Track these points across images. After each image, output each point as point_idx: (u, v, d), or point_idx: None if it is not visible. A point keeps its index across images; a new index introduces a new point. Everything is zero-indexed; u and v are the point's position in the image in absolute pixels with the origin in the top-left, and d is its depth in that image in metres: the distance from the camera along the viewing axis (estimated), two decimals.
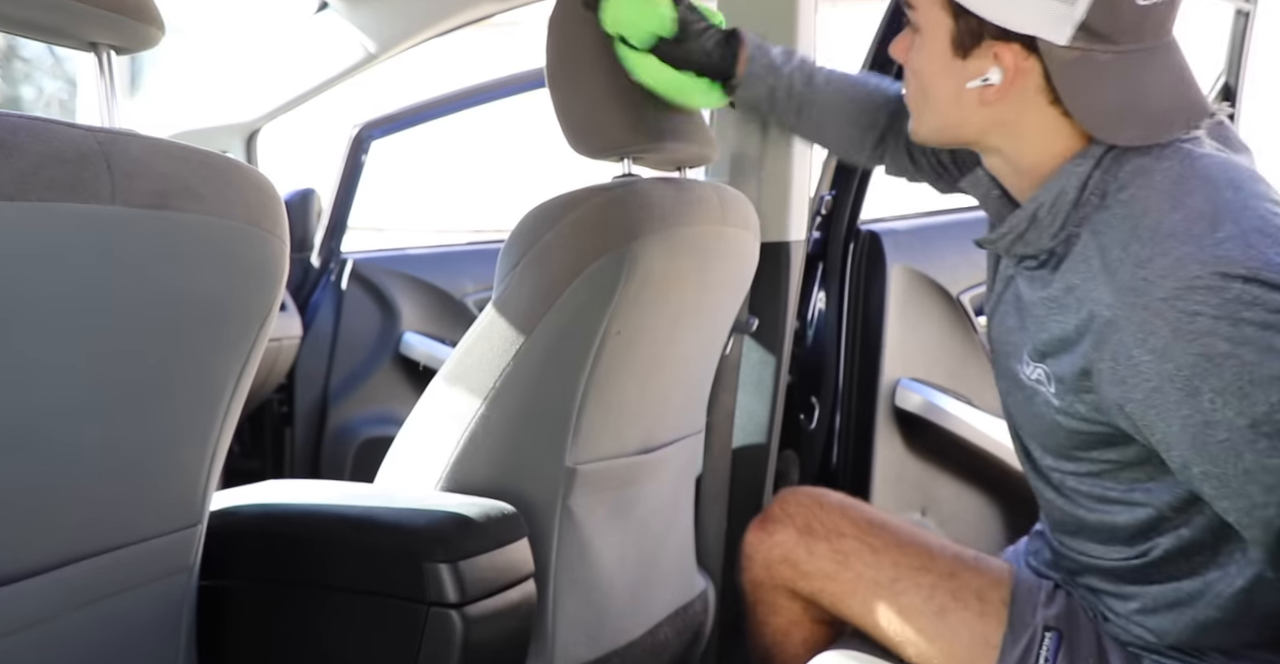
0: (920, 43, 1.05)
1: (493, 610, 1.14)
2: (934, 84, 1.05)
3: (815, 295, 1.87)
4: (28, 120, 0.78)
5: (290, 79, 2.26)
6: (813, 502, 1.35)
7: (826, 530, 1.31)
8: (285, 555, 1.18)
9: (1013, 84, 1.00)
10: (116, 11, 0.90)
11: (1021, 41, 0.98)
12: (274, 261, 0.96)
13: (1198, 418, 0.90)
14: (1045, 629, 1.17)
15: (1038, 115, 1.01)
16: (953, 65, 1.03)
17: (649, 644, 1.49)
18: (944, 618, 1.21)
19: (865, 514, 1.34)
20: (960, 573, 1.24)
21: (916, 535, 1.31)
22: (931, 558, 1.26)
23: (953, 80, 1.03)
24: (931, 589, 1.23)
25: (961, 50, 1.02)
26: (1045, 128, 1.02)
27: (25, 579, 0.85)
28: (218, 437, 1.00)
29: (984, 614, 1.20)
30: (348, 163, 2.39)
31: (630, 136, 1.31)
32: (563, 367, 1.28)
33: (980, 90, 1.01)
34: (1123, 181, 0.98)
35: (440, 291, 2.52)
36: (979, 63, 1.01)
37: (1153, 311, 0.90)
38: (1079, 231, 1.00)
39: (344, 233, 2.45)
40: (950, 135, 1.09)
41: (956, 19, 1.01)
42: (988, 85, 1.01)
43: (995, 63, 1.00)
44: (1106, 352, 0.95)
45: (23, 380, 0.80)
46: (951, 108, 1.05)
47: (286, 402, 2.39)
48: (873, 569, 1.26)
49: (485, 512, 1.19)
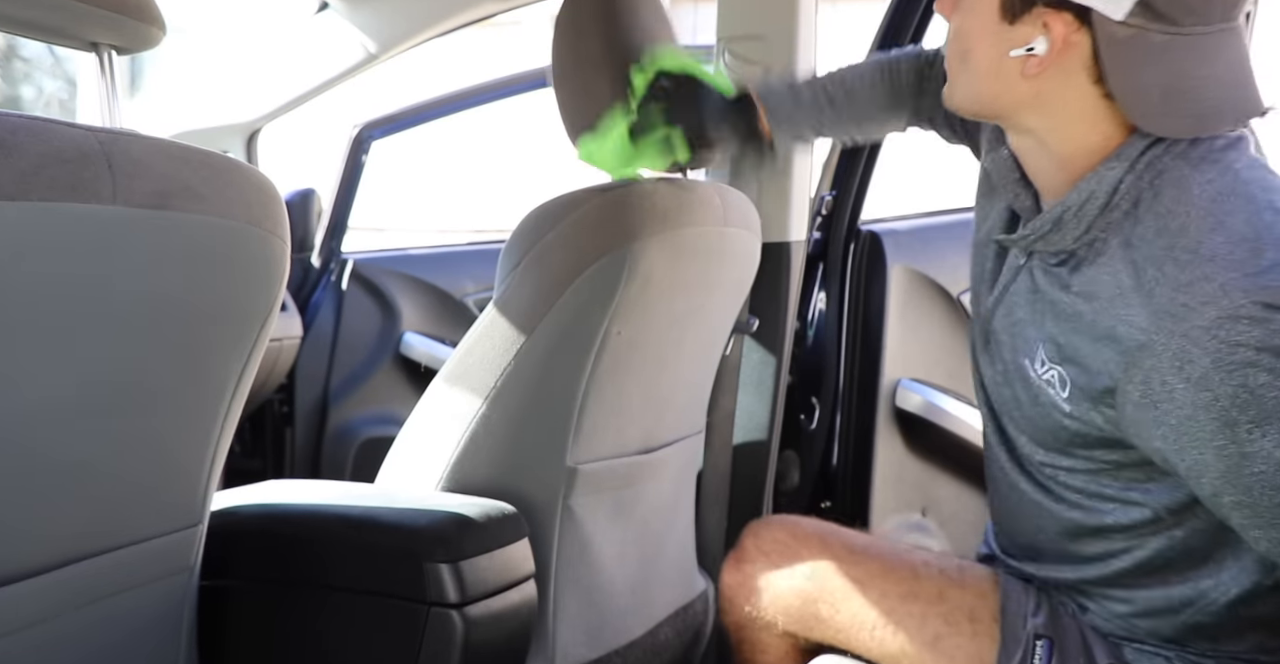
0: (965, 7, 1.00)
1: (493, 611, 1.14)
2: (976, 46, 1.00)
3: (816, 296, 1.87)
4: (28, 120, 0.78)
5: (290, 79, 2.26)
6: (786, 534, 1.29)
7: (808, 567, 1.25)
8: (285, 555, 1.18)
9: (1059, 57, 0.95)
10: (118, 12, 0.90)
11: (1075, 11, 0.92)
12: (274, 261, 0.96)
13: (1233, 448, 0.87)
14: (1036, 638, 1.14)
15: (1078, 96, 0.96)
16: (998, 29, 0.97)
17: (649, 644, 1.49)
18: (939, 645, 1.18)
19: (844, 540, 1.28)
20: (948, 593, 1.21)
21: (899, 557, 1.26)
22: (917, 581, 1.22)
23: (995, 45, 0.97)
24: (923, 618, 1.19)
25: (1010, 14, 0.96)
26: (1084, 111, 0.97)
27: (26, 579, 0.84)
28: (218, 437, 1.00)
29: (976, 635, 1.18)
30: (348, 163, 2.39)
31: None
32: (564, 367, 1.28)
33: (1023, 60, 0.96)
34: (1158, 190, 0.94)
35: (441, 292, 2.51)
36: (1026, 30, 0.95)
37: (1192, 340, 0.87)
38: (1104, 237, 0.97)
39: (344, 233, 2.45)
40: (984, 106, 1.03)
41: None
42: (1031, 55, 0.95)
43: (1043, 32, 0.94)
44: (1137, 375, 0.91)
45: (23, 380, 0.80)
46: (990, 76, 0.99)
47: (287, 402, 2.39)
48: (861, 607, 1.21)
49: (486, 512, 1.19)
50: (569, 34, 1.33)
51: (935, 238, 1.95)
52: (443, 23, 2.12)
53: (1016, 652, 1.14)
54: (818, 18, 1.72)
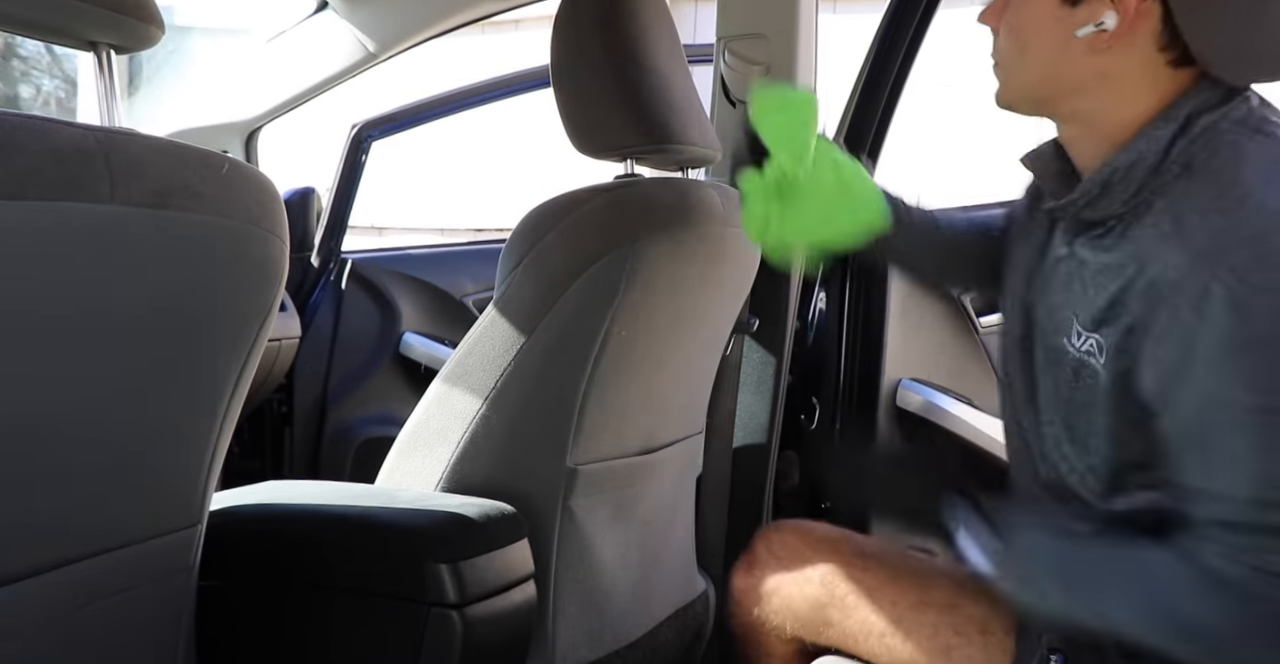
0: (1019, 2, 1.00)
1: (493, 611, 1.14)
2: (1037, 36, 0.99)
3: (816, 295, 1.87)
4: (27, 119, 0.77)
5: (290, 79, 2.26)
6: (798, 540, 1.28)
7: (819, 572, 1.24)
8: (284, 555, 1.18)
9: (1131, 28, 0.93)
10: (116, 10, 0.90)
11: None
12: (274, 261, 0.96)
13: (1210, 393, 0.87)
14: (1051, 651, 1.11)
15: (1142, 65, 0.95)
16: (1060, 13, 0.96)
17: (650, 645, 1.48)
18: (950, 656, 1.16)
19: (855, 546, 1.27)
20: (960, 603, 1.18)
21: (911, 563, 1.25)
22: (929, 590, 1.20)
23: (1059, 29, 0.96)
24: (934, 628, 1.17)
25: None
26: (1145, 80, 0.96)
27: (25, 579, 0.84)
28: (217, 437, 1.00)
29: (988, 646, 1.15)
30: (347, 163, 2.38)
31: (633, 137, 1.31)
32: (564, 367, 1.28)
33: (1091, 38, 0.95)
34: (1213, 152, 0.93)
35: (440, 292, 2.51)
36: (1091, 8, 0.94)
37: (1218, 278, 0.85)
38: (1152, 200, 0.95)
39: (344, 233, 2.45)
40: (1044, 91, 1.01)
41: None
42: (1100, 31, 0.94)
43: (1111, 6, 0.93)
44: (1163, 311, 0.89)
45: (21, 380, 0.80)
46: (1054, 59, 0.98)
47: (286, 402, 2.38)
48: (873, 614, 1.20)
49: (485, 512, 1.19)
50: (569, 34, 1.32)
51: None
52: (442, 23, 2.11)
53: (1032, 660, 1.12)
54: (818, 18, 1.72)
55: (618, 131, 1.31)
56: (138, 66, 4.68)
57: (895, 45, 1.74)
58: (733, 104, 1.72)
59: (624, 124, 1.31)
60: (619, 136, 1.32)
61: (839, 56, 1.99)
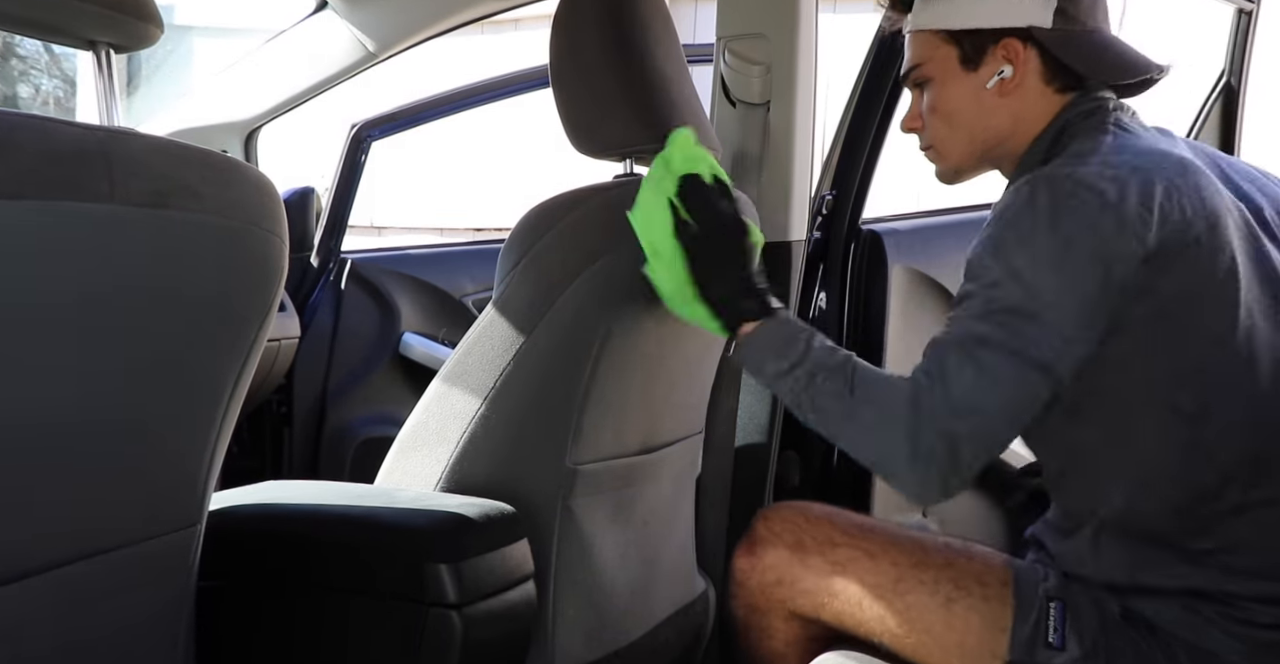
0: (933, 89, 1.26)
1: (493, 611, 1.14)
2: (958, 107, 1.25)
3: (816, 295, 1.87)
4: (26, 119, 0.77)
5: (290, 79, 2.25)
6: (797, 516, 1.32)
7: (818, 543, 1.29)
8: (285, 555, 1.18)
9: (1024, 67, 1.21)
10: (115, 10, 0.90)
11: (1017, 35, 1.20)
12: (273, 261, 0.96)
13: None
14: (1049, 600, 1.19)
15: (1038, 96, 1.22)
16: (968, 80, 1.23)
17: (650, 645, 1.48)
18: (952, 608, 1.22)
19: (853, 520, 1.32)
20: (955, 561, 1.26)
21: (906, 533, 1.31)
22: (926, 552, 1.27)
23: (972, 91, 1.24)
24: (935, 582, 1.24)
25: (972, 64, 1.23)
26: (1041, 109, 1.23)
27: (25, 579, 0.84)
28: (216, 437, 0.99)
29: (988, 598, 1.22)
30: (346, 163, 2.38)
31: (633, 136, 1.31)
32: (563, 367, 1.27)
33: (999, 85, 1.22)
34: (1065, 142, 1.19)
35: (440, 292, 2.51)
36: (989, 67, 1.22)
37: None
38: None
39: (343, 233, 2.45)
40: (978, 147, 1.26)
41: (959, 44, 1.22)
42: (1002, 79, 1.22)
43: (1003, 60, 1.21)
44: None
45: (21, 379, 0.80)
46: (978, 116, 1.24)
47: (285, 402, 2.38)
48: (872, 574, 1.25)
49: (485, 512, 1.19)
50: (569, 34, 1.32)
51: (936, 238, 1.95)
52: (442, 22, 2.11)
53: (1031, 613, 1.19)
54: (818, 18, 1.72)
55: (617, 131, 1.31)
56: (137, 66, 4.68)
57: (896, 45, 1.74)
58: (733, 104, 1.72)
59: (624, 124, 1.30)
60: (619, 136, 1.31)
61: (839, 56, 1.99)
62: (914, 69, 1.27)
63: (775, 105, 1.68)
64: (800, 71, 1.68)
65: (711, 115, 1.72)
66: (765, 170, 1.70)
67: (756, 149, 1.70)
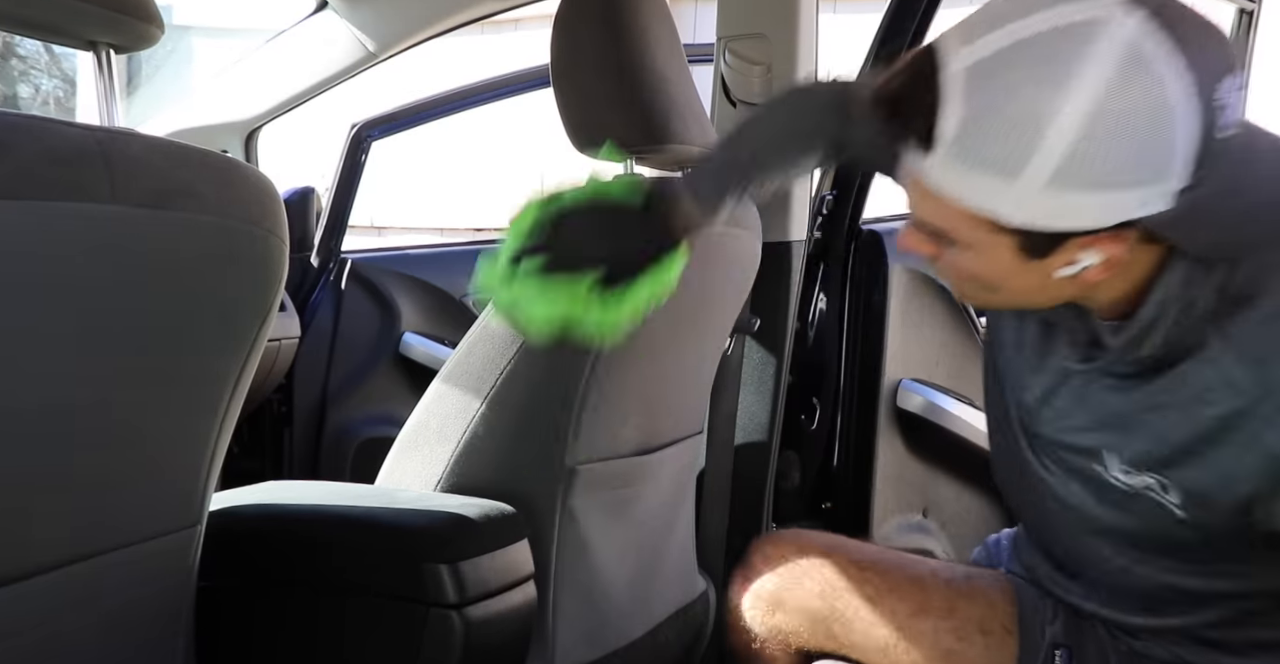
0: (968, 254, 0.90)
1: (493, 611, 1.14)
2: (1008, 282, 0.91)
3: (816, 295, 1.87)
4: (26, 119, 0.77)
5: (290, 79, 2.25)
6: (794, 548, 1.27)
7: (817, 585, 1.23)
8: (285, 556, 1.18)
9: (1117, 257, 0.86)
10: (116, 10, 0.90)
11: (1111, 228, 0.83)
12: (273, 261, 0.96)
13: None
14: (1054, 647, 1.13)
15: (1141, 259, 0.89)
16: (1028, 267, 0.88)
17: (650, 645, 1.48)
18: (951, 661, 1.17)
19: (850, 555, 1.25)
20: (958, 606, 1.19)
21: (906, 569, 1.24)
22: (926, 595, 1.20)
23: (1035, 276, 0.89)
24: (934, 634, 1.18)
25: (1037, 254, 0.87)
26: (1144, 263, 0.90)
27: (25, 579, 0.84)
28: (217, 436, 0.99)
29: (989, 648, 1.16)
30: (346, 162, 2.38)
31: (633, 136, 1.31)
32: (563, 367, 1.27)
33: (1078, 275, 0.88)
34: (1250, 278, 0.88)
35: (440, 292, 2.51)
36: (1064, 255, 0.86)
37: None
38: (1203, 337, 0.90)
39: (343, 233, 2.45)
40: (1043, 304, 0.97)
41: (1019, 234, 0.85)
42: (1086, 270, 0.87)
43: (1088, 252, 0.86)
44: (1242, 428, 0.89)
45: (20, 379, 0.80)
46: (1039, 292, 0.92)
47: (285, 402, 2.38)
48: (871, 625, 1.20)
49: (485, 512, 1.19)
50: (569, 34, 1.32)
51: None
52: (442, 22, 2.11)
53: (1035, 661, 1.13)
54: (818, 18, 1.72)
55: (618, 131, 1.31)
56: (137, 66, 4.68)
57: (896, 45, 1.74)
58: (733, 104, 1.72)
59: (624, 123, 1.30)
60: (619, 136, 1.31)
61: (839, 56, 1.99)
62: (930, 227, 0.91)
63: None
64: (800, 71, 1.68)
65: (711, 115, 1.72)
66: None
67: None
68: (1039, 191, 0.80)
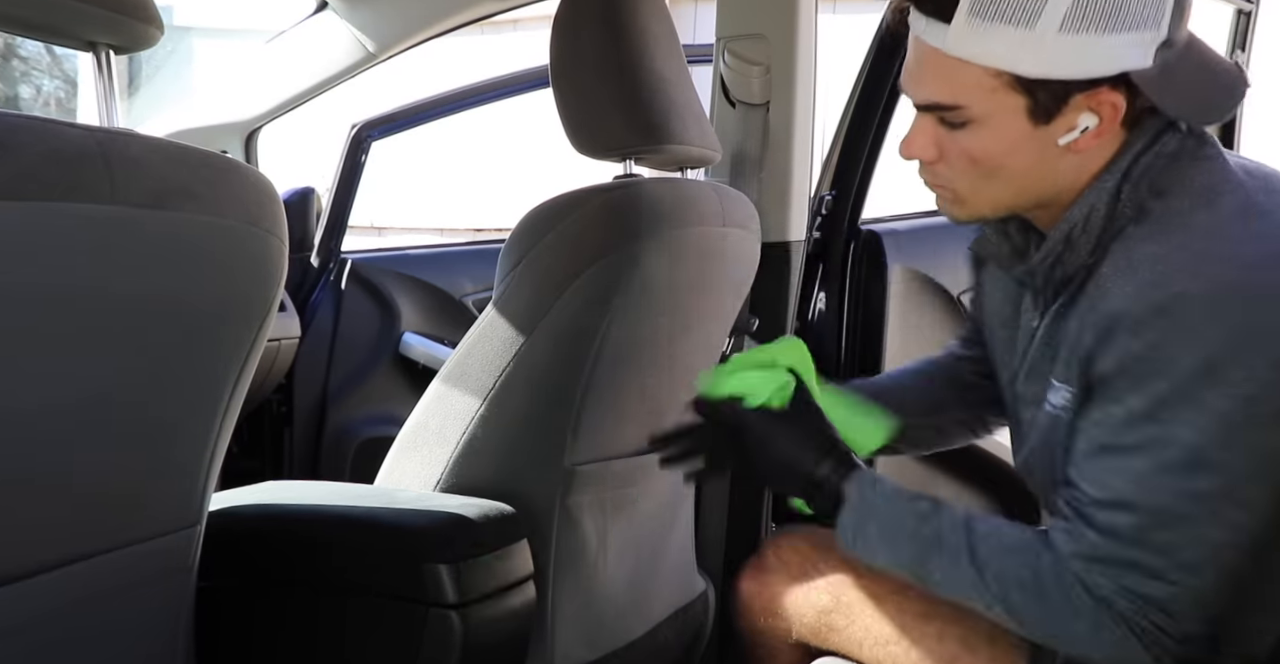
0: (974, 134, 0.97)
1: (492, 611, 1.14)
2: (1010, 161, 0.97)
3: (816, 295, 1.87)
4: (26, 120, 0.77)
5: (290, 79, 2.25)
6: (808, 545, 1.27)
7: (826, 579, 1.23)
8: (285, 555, 1.18)
9: (1111, 120, 0.95)
10: (115, 11, 0.90)
11: (1109, 81, 0.93)
12: (273, 261, 0.96)
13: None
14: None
15: (1111, 140, 0.97)
16: (1034, 134, 0.95)
17: (649, 645, 1.48)
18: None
19: None
20: (966, 614, 1.14)
21: None
22: (935, 600, 1.16)
23: (1036, 147, 0.96)
24: (940, 638, 1.16)
25: (1044, 117, 0.95)
26: (1105, 150, 0.98)
27: (25, 579, 0.84)
28: (216, 437, 1.00)
29: (995, 658, 1.14)
30: (346, 163, 2.38)
31: (633, 137, 1.31)
32: (563, 367, 1.27)
33: (1074, 141, 0.96)
34: (1157, 191, 0.96)
35: (440, 292, 2.51)
36: (1066, 118, 0.95)
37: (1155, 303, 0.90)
38: (1110, 246, 0.97)
39: (343, 233, 2.45)
40: (1023, 200, 1.02)
41: (1031, 93, 0.93)
42: (1084, 132, 0.95)
43: (1086, 111, 0.94)
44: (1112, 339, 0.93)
45: (20, 380, 0.80)
46: (1034, 171, 0.98)
47: (285, 402, 2.38)
48: (877, 622, 1.19)
49: (485, 512, 1.19)
50: (569, 34, 1.32)
51: (935, 238, 1.95)
52: (442, 23, 2.11)
53: None
54: (818, 18, 1.72)
55: (617, 132, 1.31)
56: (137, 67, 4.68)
57: (896, 45, 1.74)
58: (732, 104, 1.73)
59: (623, 124, 1.31)
60: (618, 137, 1.32)
61: (839, 56, 1.99)
62: (944, 106, 0.97)
63: (775, 106, 1.68)
64: (800, 72, 1.68)
65: (711, 115, 1.72)
66: (765, 170, 1.71)
67: (756, 149, 1.70)
68: (1054, 37, 0.90)
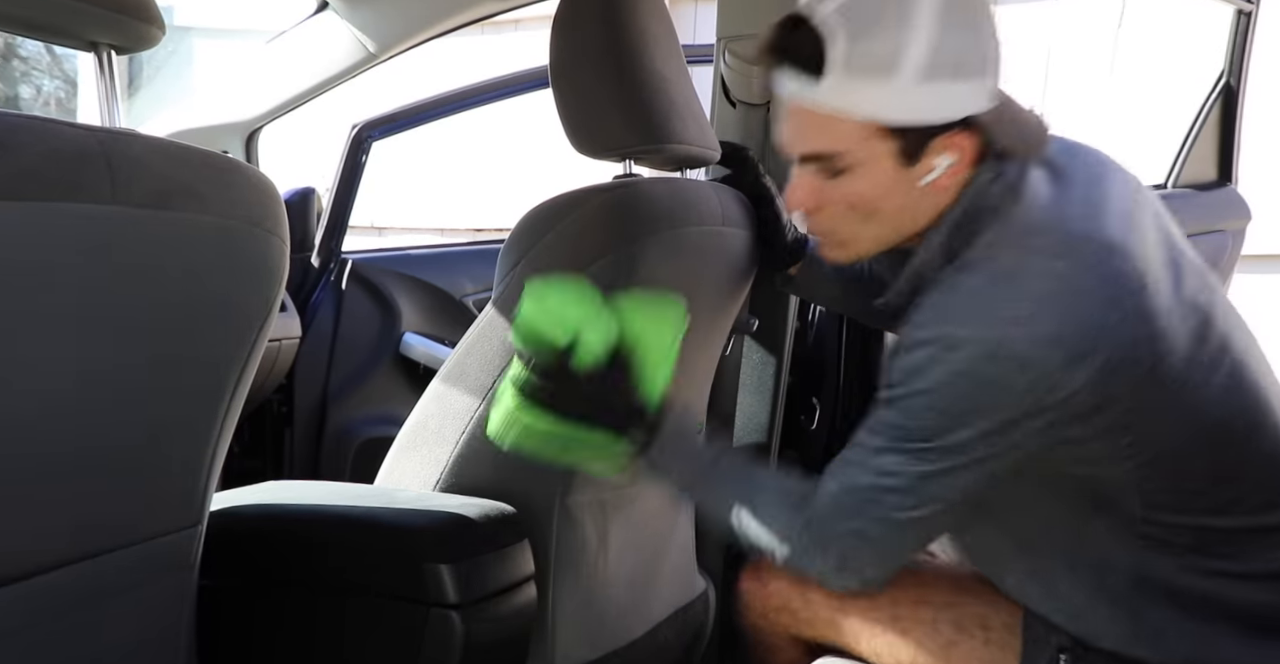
0: (850, 181, 1.07)
1: (493, 611, 1.14)
2: (883, 203, 1.08)
3: None
4: (27, 120, 0.77)
5: (290, 79, 2.26)
6: None
7: None
8: (285, 555, 1.18)
9: (966, 158, 1.06)
10: (117, 11, 0.90)
11: (959, 125, 1.04)
12: (274, 261, 0.96)
13: None
14: (1060, 651, 1.13)
15: (961, 180, 1.08)
16: (901, 175, 1.06)
17: (649, 645, 1.48)
18: (951, 653, 1.17)
19: None
20: (959, 600, 1.20)
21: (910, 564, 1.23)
22: (928, 588, 1.22)
23: (904, 187, 1.07)
24: (934, 623, 1.19)
25: (909, 159, 1.06)
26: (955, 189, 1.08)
27: (26, 579, 0.84)
28: (217, 436, 1.00)
29: (989, 643, 1.17)
30: (347, 163, 2.38)
31: (632, 137, 1.31)
32: None
33: (934, 180, 1.07)
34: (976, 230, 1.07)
35: (440, 292, 2.51)
36: (927, 160, 1.06)
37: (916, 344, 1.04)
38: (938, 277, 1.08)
39: (344, 233, 2.45)
40: (896, 237, 1.12)
41: (900, 137, 1.04)
42: (943, 172, 1.06)
43: (945, 152, 1.05)
44: None
45: (22, 380, 0.80)
46: (904, 211, 1.09)
47: (286, 402, 2.38)
48: (873, 610, 1.21)
49: (485, 512, 1.19)
50: (569, 34, 1.32)
51: None
52: (443, 23, 2.11)
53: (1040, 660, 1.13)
54: None
55: (617, 131, 1.31)
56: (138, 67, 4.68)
57: None
58: (732, 104, 1.73)
59: (623, 124, 1.31)
60: (618, 136, 1.32)
61: None
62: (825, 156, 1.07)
63: (775, 105, 1.68)
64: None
65: (711, 115, 1.72)
66: (764, 170, 1.70)
67: (756, 149, 1.70)
68: (915, 85, 1.01)
